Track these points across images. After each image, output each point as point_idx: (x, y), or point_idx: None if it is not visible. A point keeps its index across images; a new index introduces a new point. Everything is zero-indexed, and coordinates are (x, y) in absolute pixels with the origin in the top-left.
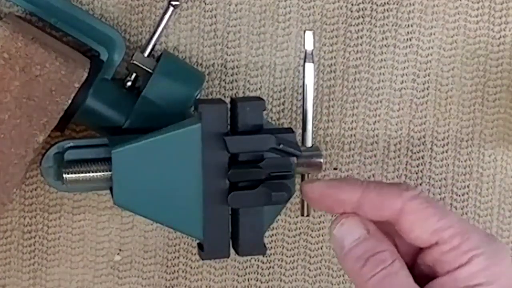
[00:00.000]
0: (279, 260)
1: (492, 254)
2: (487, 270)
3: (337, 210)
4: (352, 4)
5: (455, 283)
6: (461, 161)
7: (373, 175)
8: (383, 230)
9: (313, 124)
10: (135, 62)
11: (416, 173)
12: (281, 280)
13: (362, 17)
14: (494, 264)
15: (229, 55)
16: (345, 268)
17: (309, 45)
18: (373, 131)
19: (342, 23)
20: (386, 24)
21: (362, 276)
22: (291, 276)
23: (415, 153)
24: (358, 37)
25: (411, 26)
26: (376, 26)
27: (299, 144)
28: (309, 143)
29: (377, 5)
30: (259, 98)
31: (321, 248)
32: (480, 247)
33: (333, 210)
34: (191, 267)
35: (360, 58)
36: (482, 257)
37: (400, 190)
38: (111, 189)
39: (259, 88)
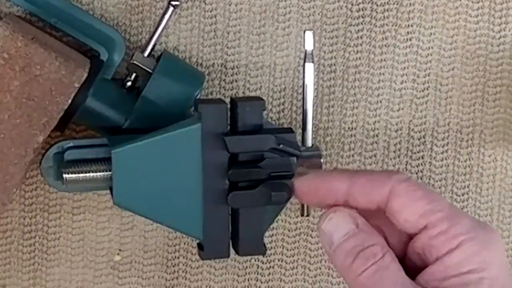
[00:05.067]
0: (279, 260)
1: (483, 239)
2: (478, 255)
3: (328, 201)
4: (352, 4)
5: (446, 270)
6: (461, 161)
7: None
8: (372, 223)
9: (313, 124)
10: (135, 62)
11: (416, 173)
12: (281, 280)
13: (362, 17)
14: (485, 250)
15: (229, 55)
16: (335, 264)
17: (309, 45)
18: (373, 131)
19: (342, 23)
20: (386, 24)
21: (352, 271)
22: (291, 276)
23: (415, 153)
24: (358, 37)
25: (411, 26)
26: (376, 26)
27: (299, 144)
28: (309, 143)
29: (377, 5)
30: (259, 98)
31: (321, 248)
32: (470, 232)
33: (325, 202)
34: (191, 267)
35: (360, 58)
36: (472, 242)
37: (389, 174)
38: (111, 189)
39: (259, 88)
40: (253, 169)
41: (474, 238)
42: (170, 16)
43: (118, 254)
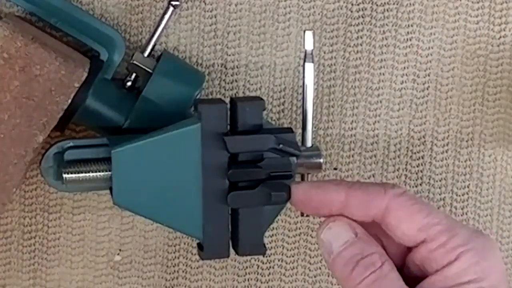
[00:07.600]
0: (279, 260)
1: (481, 249)
2: (477, 266)
3: (323, 212)
4: (352, 4)
5: (445, 281)
6: (461, 161)
7: (373, 175)
8: (370, 233)
9: (313, 124)
10: (135, 62)
11: (416, 173)
12: (281, 280)
13: (362, 17)
14: (483, 260)
15: (229, 55)
16: (334, 273)
17: (309, 45)
18: (373, 131)
19: (342, 23)
20: (386, 24)
21: (352, 280)
22: (291, 276)
23: (415, 153)
24: (358, 37)
25: (411, 26)
26: (376, 26)
27: (299, 144)
28: (309, 143)
29: (377, 5)
30: (259, 98)
31: None
32: (468, 243)
33: (320, 212)
34: (191, 267)
35: (360, 58)
36: (471, 253)
37: (385, 188)
38: (111, 189)
39: (259, 88)
40: (253, 169)
41: (473, 248)
42: (170, 16)
43: (118, 254)
